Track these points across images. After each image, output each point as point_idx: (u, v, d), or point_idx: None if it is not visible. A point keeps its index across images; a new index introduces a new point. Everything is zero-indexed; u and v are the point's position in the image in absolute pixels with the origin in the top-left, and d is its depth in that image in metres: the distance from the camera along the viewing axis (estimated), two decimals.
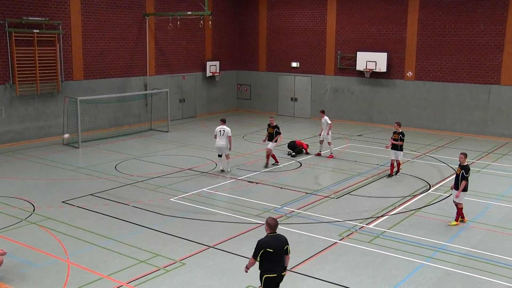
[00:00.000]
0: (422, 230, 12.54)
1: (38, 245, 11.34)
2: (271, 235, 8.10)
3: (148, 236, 11.99)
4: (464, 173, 12.67)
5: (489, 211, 14.07)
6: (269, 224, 8.11)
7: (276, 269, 8.04)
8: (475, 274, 10.24)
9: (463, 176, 12.68)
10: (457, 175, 12.85)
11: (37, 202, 14.27)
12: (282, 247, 8.09)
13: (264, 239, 8.08)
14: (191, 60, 28.92)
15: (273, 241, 8.03)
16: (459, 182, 12.74)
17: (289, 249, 8.21)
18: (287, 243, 8.17)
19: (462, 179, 12.68)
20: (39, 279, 9.82)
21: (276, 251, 7.99)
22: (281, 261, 8.11)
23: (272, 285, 8.11)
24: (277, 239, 8.11)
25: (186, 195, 15.06)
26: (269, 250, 7.95)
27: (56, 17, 22.24)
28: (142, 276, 9.97)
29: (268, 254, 7.96)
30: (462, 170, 12.69)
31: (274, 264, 8.03)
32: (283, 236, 8.25)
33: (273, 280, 8.07)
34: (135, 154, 20.06)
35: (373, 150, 21.22)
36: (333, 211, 13.89)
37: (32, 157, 19.47)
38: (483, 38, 24.02)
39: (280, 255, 8.07)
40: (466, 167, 12.75)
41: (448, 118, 25.36)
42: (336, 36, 28.07)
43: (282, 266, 8.15)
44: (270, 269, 8.02)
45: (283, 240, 8.15)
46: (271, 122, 18.54)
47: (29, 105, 21.83)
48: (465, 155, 12.86)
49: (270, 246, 7.97)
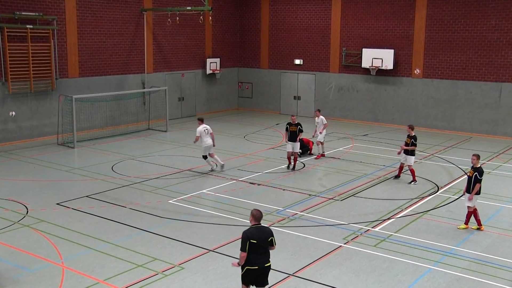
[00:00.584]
0: (430, 233, 12.53)
1: (32, 249, 11.35)
2: (255, 226, 8.42)
3: (145, 240, 11.99)
4: (477, 175, 12.51)
5: (500, 214, 14.05)
6: (253, 215, 8.42)
7: (259, 261, 8.33)
8: (485, 280, 10.22)
9: (476, 179, 12.52)
10: (469, 177, 12.71)
11: (30, 204, 14.28)
12: (266, 239, 8.38)
13: (248, 230, 8.38)
14: (191, 57, 28.94)
15: (257, 232, 8.33)
16: (472, 185, 12.60)
17: (274, 240, 8.49)
18: (271, 235, 8.47)
19: (475, 182, 12.52)
20: (32, 285, 9.83)
21: (259, 242, 8.29)
22: (265, 253, 8.39)
23: (252, 277, 8.40)
24: (261, 230, 8.41)
25: (185, 197, 15.06)
26: (253, 241, 8.24)
27: (51, 12, 22.26)
28: (140, 281, 9.97)
29: (252, 245, 8.24)
30: (475, 173, 12.54)
31: (257, 256, 8.32)
32: (268, 228, 8.64)
33: (254, 272, 8.36)
34: (132, 155, 20.07)
35: (379, 151, 21.21)
36: (338, 213, 13.89)
37: (26, 157, 19.49)
38: (494, 34, 24.00)
39: (264, 247, 8.37)
40: (480, 170, 12.59)
41: (457, 117, 25.34)
42: (341, 32, 28.07)
43: (266, 258, 8.42)
44: (253, 262, 8.30)
45: (267, 231, 8.47)
46: (292, 120, 18.24)
47: (22, 104, 21.86)
48: (477, 157, 12.69)
49: (254, 237, 8.26)
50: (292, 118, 18.36)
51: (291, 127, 18.15)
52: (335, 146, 21.89)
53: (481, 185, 12.64)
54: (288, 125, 18.26)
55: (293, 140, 18.04)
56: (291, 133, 18.10)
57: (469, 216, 12.85)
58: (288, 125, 18.26)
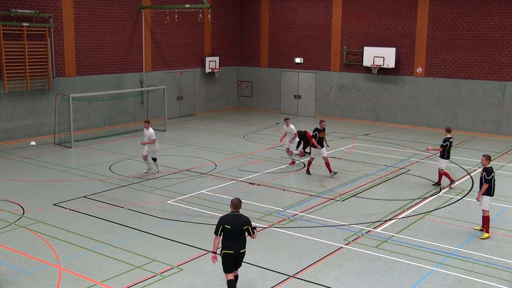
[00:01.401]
0: (433, 234, 12.54)
1: (28, 250, 11.36)
2: (232, 213, 9.10)
3: (144, 241, 12.00)
4: (485, 175, 12.39)
5: (504, 215, 14.06)
6: (232, 202, 9.16)
7: (234, 246, 8.97)
8: (488, 282, 10.23)
9: (485, 179, 12.41)
10: (480, 178, 12.66)
11: (27, 204, 14.29)
12: (241, 226, 8.98)
13: (224, 216, 9.15)
14: (190, 56, 28.94)
15: (232, 218, 9.00)
16: (480, 185, 12.58)
17: (251, 229, 9.10)
18: (248, 224, 9.05)
19: (483, 182, 12.43)
20: (29, 286, 9.83)
21: (233, 228, 8.92)
22: (239, 239, 9.00)
23: (229, 261, 9.04)
24: (237, 217, 9.04)
25: (184, 197, 15.07)
26: (227, 227, 8.91)
27: (47, 10, 22.27)
28: (138, 283, 9.98)
29: (226, 230, 8.93)
30: (484, 173, 12.45)
31: (232, 241, 8.97)
32: (246, 217, 9.17)
33: (231, 256, 9.00)
34: (130, 154, 20.07)
35: (381, 151, 21.22)
36: (339, 214, 13.90)
37: (22, 157, 19.49)
38: (498, 32, 24.00)
39: (238, 233, 8.97)
40: (488, 169, 12.45)
41: (460, 116, 25.35)
42: (342, 30, 28.07)
43: (241, 244, 9.05)
44: (228, 246, 8.97)
45: (243, 219, 9.06)
46: (321, 126, 17.24)
47: (19, 103, 21.86)
48: (486, 157, 12.56)
49: (228, 222, 8.93)
50: (322, 124, 17.32)
51: (320, 133, 17.16)
52: (336, 145, 21.89)
53: (492, 186, 12.44)
54: (317, 132, 17.16)
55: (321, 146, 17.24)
56: (319, 140, 17.20)
57: (486, 222, 12.52)
58: (317, 132, 17.16)
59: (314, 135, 17.27)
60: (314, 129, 17.37)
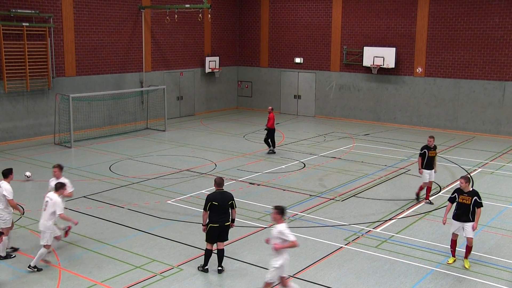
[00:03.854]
0: (433, 234, 12.54)
1: (28, 250, 11.36)
2: (218, 191, 10.30)
3: (144, 241, 12.00)
4: (477, 199, 10.70)
5: (504, 215, 14.06)
6: (215, 181, 10.35)
7: (220, 220, 10.20)
8: (489, 282, 10.23)
9: (477, 203, 10.70)
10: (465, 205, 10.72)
11: (26, 204, 14.27)
12: (227, 201, 10.22)
13: (211, 194, 10.33)
14: (190, 56, 28.94)
15: (218, 196, 10.21)
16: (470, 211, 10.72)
17: (234, 204, 10.31)
18: (232, 199, 10.30)
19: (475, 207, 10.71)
20: (29, 286, 9.83)
21: (220, 204, 10.14)
22: (225, 213, 10.23)
23: (214, 233, 10.23)
24: (223, 194, 10.29)
25: (184, 197, 15.07)
26: (215, 203, 10.11)
27: (47, 10, 22.26)
28: (138, 283, 9.98)
29: (214, 206, 10.12)
30: (474, 197, 10.67)
31: (219, 216, 10.18)
32: (229, 193, 10.40)
33: (216, 229, 10.21)
34: (130, 154, 20.07)
35: (381, 151, 21.22)
36: (339, 214, 13.90)
37: (22, 157, 19.49)
38: (497, 32, 24.00)
39: (224, 208, 10.19)
40: (477, 192, 10.81)
41: (460, 116, 25.34)
42: (342, 30, 28.07)
43: (226, 218, 10.27)
44: (215, 220, 10.17)
45: (228, 195, 10.31)
46: (430, 143, 14.41)
47: (18, 103, 21.86)
48: (466, 180, 10.80)
49: (216, 199, 10.14)
50: (430, 140, 14.48)
51: (430, 152, 14.43)
52: (336, 145, 21.89)
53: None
54: (426, 150, 14.43)
55: (430, 167, 14.47)
56: (429, 159, 14.41)
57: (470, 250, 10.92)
58: (426, 150, 14.43)
59: (423, 153, 14.49)
60: (422, 147, 14.59)
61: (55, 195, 10.43)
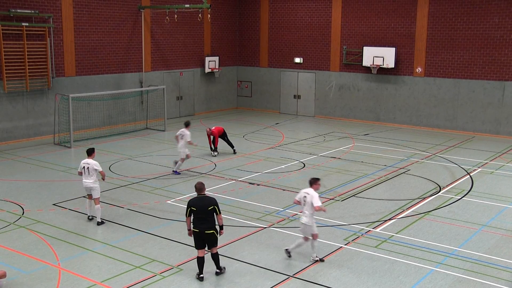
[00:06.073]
0: (432, 234, 12.54)
1: (28, 250, 11.35)
2: (198, 196, 10.09)
3: (143, 241, 11.99)
4: None
5: (504, 215, 14.06)
6: (195, 187, 10.20)
7: (200, 226, 9.91)
8: (488, 282, 10.23)
9: None
10: None
11: (26, 204, 14.28)
12: (206, 207, 9.89)
13: (191, 199, 10.13)
14: (189, 56, 28.94)
15: (197, 201, 9.99)
16: None
17: (217, 209, 9.97)
18: (213, 204, 9.94)
19: None
20: (28, 286, 9.83)
21: (199, 210, 9.89)
22: (205, 219, 9.90)
23: (198, 239, 9.99)
24: (202, 199, 10.03)
25: (183, 197, 15.06)
26: (193, 208, 9.95)
27: (47, 10, 22.26)
28: (138, 283, 9.98)
29: (193, 211, 9.97)
30: None
31: (198, 221, 9.93)
32: (211, 198, 10.07)
33: (197, 235, 9.96)
34: (130, 154, 20.07)
35: (380, 150, 21.22)
36: (338, 214, 13.90)
37: (21, 157, 19.49)
38: (497, 31, 24.00)
39: (203, 214, 9.88)
40: None
41: (459, 116, 25.35)
42: (342, 30, 28.07)
43: (207, 224, 9.92)
44: (195, 225, 9.96)
45: (208, 201, 9.99)
46: None
47: (18, 103, 21.86)
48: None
49: (194, 205, 9.96)
50: None
51: None
52: (335, 145, 21.89)
53: None
54: None
55: None
56: None
57: None
58: None
59: None
60: None
61: None
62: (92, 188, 13.00)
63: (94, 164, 13.01)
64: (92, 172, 12.97)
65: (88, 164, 13.04)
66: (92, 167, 12.97)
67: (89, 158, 13.17)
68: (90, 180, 12.97)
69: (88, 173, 12.98)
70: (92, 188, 12.99)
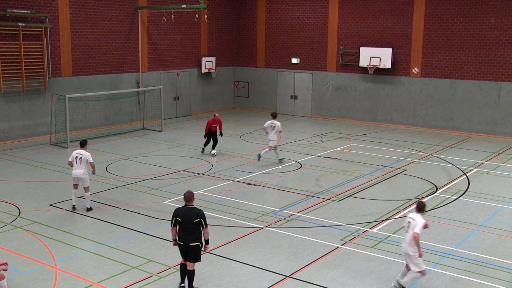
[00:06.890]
0: (429, 234, 12.54)
1: (24, 251, 11.32)
2: (185, 206, 9.52)
3: (140, 241, 11.97)
4: None
5: (500, 215, 14.08)
6: (184, 196, 9.59)
7: (184, 238, 9.40)
8: (485, 281, 10.24)
9: None
10: None
11: (22, 205, 14.25)
12: (192, 219, 9.32)
13: (178, 208, 9.63)
14: (186, 56, 28.92)
15: (183, 211, 9.44)
16: None
17: (203, 223, 9.40)
18: (200, 217, 9.36)
19: None
20: (25, 287, 9.80)
21: (184, 221, 9.35)
22: (190, 231, 9.36)
23: (181, 250, 9.57)
24: (189, 210, 9.44)
25: (180, 197, 15.01)
26: (178, 219, 9.43)
27: (43, 10, 22.21)
28: (134, 283, 9.96)
29: (178, 222, 9.45)
30: None
31: (183, 233, 9.40)
32: (198, 210, 9.47)
33: (181, 247, 9.51)
34: (127, 155, 20.04)
35: (377, 151, 21.24)
36: (335, 214, 13.90)
37: (18, 157, 19.43)
38: (493, 32, 24.05)
39: (188, 225, 9.34)
40: None
41: (456, 116, 25.39)
42: (338, 30, 28.09)
43: (192, 237, 9.38)
44: (180, 237, 9.46)
45: (194, 212, 9.39)
46: None
47: (14, 103, 21.80)
48: None
49: (179, 215, 9.42)
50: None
51: None
52: (332, 146, 21.90)
53: None
54: None
55: None
56: None
57: None
58: None
59: None
60: None
61: None
62: (82, 178, 13.60)
63: (87, 155, 13.56)
64: (84, 162, 13.51)
65: (81, 154, 13.55)
66: (84, 158, 13.51)
67: (82, 149, 13.68)
68: (81, 170, 13.53)
69: (80, 164, 13.50)
70: (83, 179, 13.61)
